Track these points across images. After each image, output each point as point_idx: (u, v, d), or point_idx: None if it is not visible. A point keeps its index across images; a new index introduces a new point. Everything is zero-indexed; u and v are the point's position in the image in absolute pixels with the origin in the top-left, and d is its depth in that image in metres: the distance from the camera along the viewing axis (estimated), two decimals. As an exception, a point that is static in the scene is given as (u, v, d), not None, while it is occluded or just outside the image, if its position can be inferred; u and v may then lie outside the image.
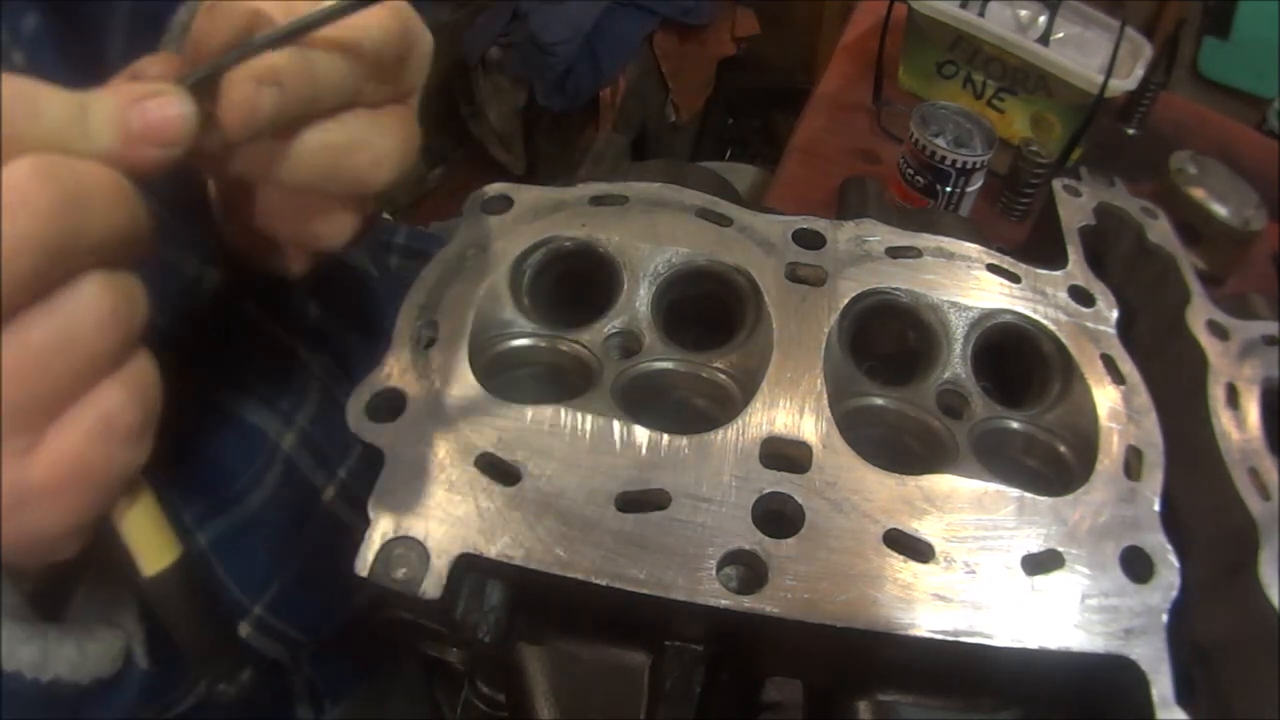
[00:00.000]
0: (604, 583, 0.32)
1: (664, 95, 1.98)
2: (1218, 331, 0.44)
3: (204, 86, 0.30)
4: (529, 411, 0.37)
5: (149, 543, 0.31)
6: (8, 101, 0.26)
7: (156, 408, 0.29)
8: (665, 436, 0.36)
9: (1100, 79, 0.93)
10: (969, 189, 0.93)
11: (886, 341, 0.45)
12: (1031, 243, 0.54)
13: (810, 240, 0.44)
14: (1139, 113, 1.11)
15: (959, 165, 0.90)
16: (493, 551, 0.33)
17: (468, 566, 0.33)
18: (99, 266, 0.27)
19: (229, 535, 0.50)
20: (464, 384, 0.37)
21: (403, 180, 0.36)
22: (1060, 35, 1.02)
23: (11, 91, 0.27)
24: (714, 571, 0.33)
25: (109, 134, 0.28)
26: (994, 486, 0.37)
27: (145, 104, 0.28)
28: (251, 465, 0.51)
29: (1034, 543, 0.35)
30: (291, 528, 0.53)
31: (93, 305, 0.26)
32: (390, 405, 0.36)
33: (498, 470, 0.35)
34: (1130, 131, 1.12)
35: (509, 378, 0.41)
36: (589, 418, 0.37)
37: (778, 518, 0.35)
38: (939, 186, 0.92)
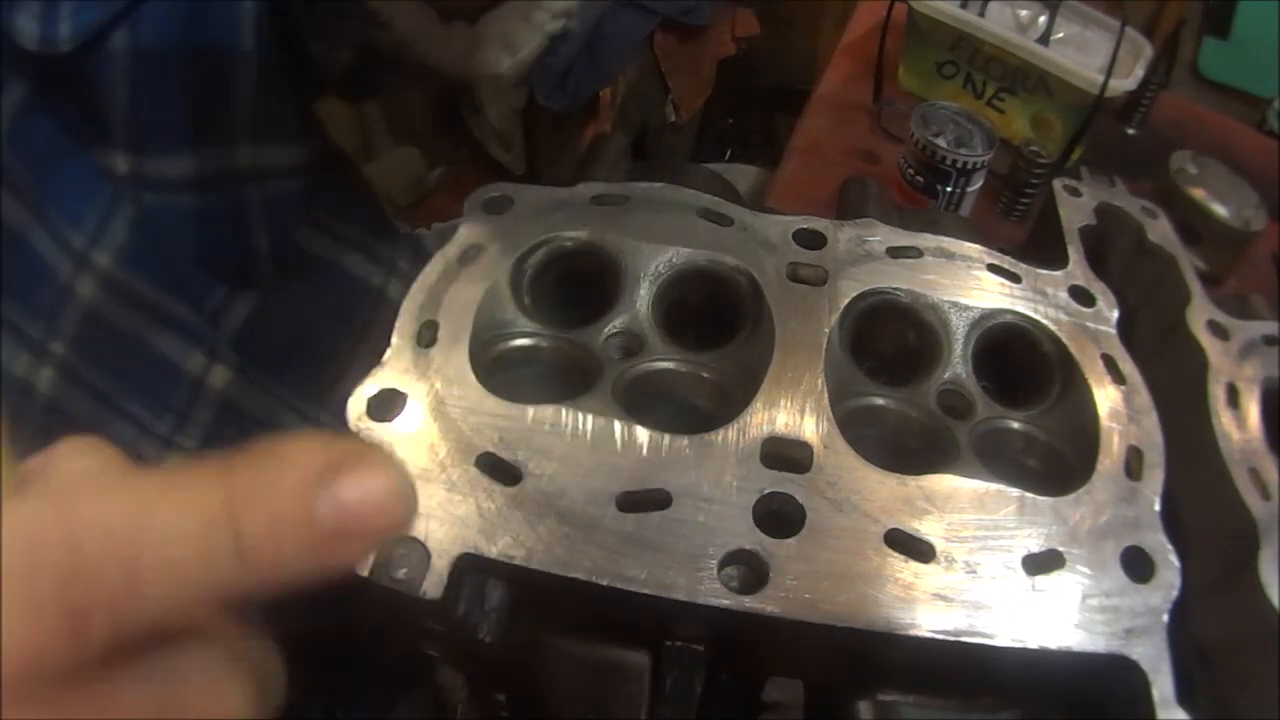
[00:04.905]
0: (605, 583, 0.32)
1: (664, 95, 1.97)
2: (1218, 331, 0.44)
3: None
4: (530, 411, 0.37)
5: None
6: (94, 543, 0.18)
7: None
8: (666, 436, 0.36)
9: (1100, 79, 0.93)
10: (969, 189, 0.93)
11: (887, 341, 0.45)
12: (1032, 243, 0.54)
13: (811, 240, 0.44)
14: (1139, 113, 1.11)
15: (959, 165, 0.90)
16: (494, 551, 0.33)
17: (469, 566, 0.33)
18: None
19: None
20: (464, 384, 0.37)
21: (402, 180, 0.35)
22: (1060, 35, 1.02)
23: (100, 514, 0.18)
24: (715, 571, 0.33)
25: (284, 548, 0.20)
26: (995, 486, 0.37)
27: (337, 486, 0.21)
28: None
29: (1035, 543, 0.35)
30: None
31: None
32: (390, 405, 0.36)
33: (498, 470, 0.35)
34: (1130, 131, 1.12)
35: (510, 377, 0.41)
36: (590, 418, 0.37)
37: (778, 518, 0.35)
38: (939, 186, 0.92)
